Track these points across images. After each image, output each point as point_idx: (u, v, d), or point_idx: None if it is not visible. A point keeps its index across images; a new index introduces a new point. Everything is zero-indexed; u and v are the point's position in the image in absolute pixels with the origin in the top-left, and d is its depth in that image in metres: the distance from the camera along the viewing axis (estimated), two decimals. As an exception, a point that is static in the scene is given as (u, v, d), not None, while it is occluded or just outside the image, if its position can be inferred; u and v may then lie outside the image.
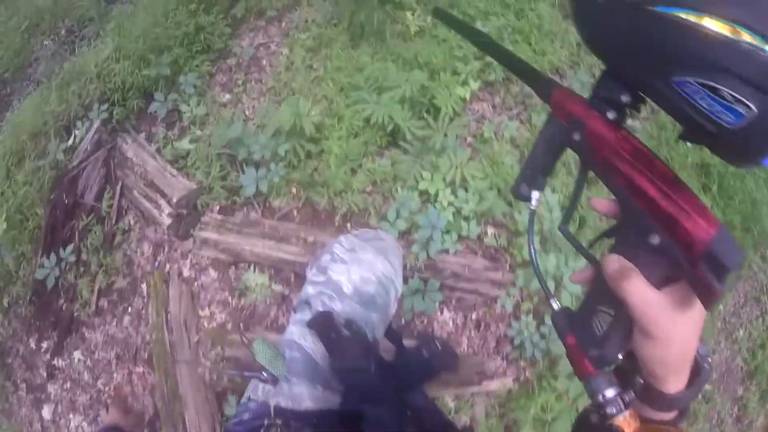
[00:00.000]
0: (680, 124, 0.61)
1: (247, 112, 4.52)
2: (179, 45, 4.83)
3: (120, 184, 4.36)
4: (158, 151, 4.55)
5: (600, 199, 0.74)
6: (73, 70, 5.06)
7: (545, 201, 2.86)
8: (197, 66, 4.84)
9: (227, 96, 4.76)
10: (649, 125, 3.64)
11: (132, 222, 4.38)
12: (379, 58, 4.10)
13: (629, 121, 0.77)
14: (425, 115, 3.67)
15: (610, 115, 0.67)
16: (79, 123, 4.75)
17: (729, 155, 0.59)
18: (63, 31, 6.16)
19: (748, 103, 0.47)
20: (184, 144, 4.54)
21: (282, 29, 5.02)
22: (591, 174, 0.74)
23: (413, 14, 4.79)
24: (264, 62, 4.85)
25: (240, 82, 4.79)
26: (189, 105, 4.59)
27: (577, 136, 0.70)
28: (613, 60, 0.65)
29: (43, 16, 6.25)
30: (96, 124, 4.62)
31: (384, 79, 3.74)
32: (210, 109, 4.54)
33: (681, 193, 0.60)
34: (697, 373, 0.69)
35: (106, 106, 4.67)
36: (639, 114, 1.23)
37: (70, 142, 4.73)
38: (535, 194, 0.79)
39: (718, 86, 0.48)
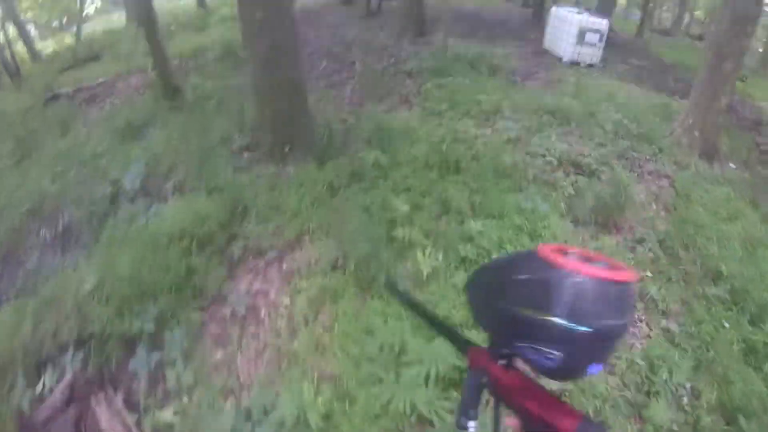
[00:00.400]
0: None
1: (241, 378, 3.91)
2: (167, 292, 4.41)
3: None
4: (138, 423, 3.86)
5: (509, 419, 0.96)
6: (52, 295, 4.61)
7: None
8: (187, 317, 4.37)
9: (220, 353, 4.23)
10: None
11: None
12: (392, 315, 3.62)
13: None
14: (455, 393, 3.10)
15: (502, 362, 0.99)
16: (50, 367, 4.23)
17: (561, 378, 0.95)
18: (60, 227, 5.85)
19: (555, 353, 0.83)
20: (167, 415, 3.96)
21: (283, 273, 4.64)
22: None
23: (424, 253, 4.42)
24: (262, 314, 4.38)
25: (235, 337, 4.29)
26: (175, 368, 4.02)
27: (485, 380, 1.00)
28: (486, 331, 1.02)
29: (46, 200, 6.10)
30: (68, 375, 4.13)
31: (401, 349, 3.21)
32: (198, 374, 3.96)
33: (555, 406, 0.89)
34: None
35: (81, 354, 4.21)
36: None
37: (39, 388, 4.15)
38: (471, 424, 1.00)
39: (539, 347, 0.84)
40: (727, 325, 4.49)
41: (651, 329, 4.45)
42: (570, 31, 11.96)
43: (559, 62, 12.13)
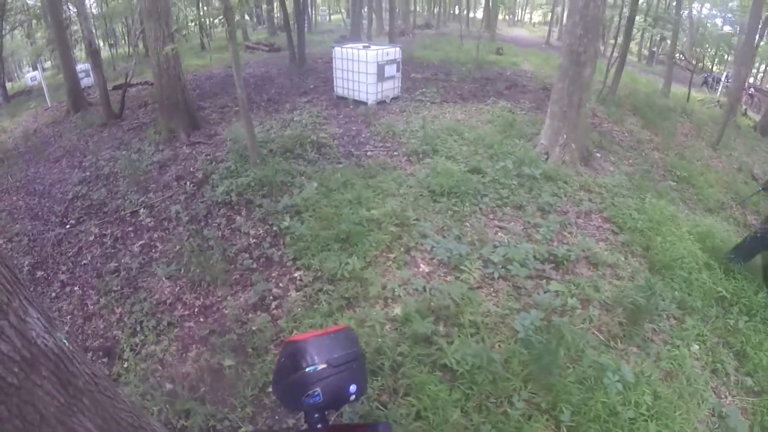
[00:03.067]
0: None
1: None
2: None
3: None
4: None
5: None
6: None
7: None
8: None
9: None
10: None
11: None
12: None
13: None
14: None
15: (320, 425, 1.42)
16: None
17: (335, 406, 1.42)
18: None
19: (318, 390, 1.32)
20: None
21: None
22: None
23: None
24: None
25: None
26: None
27: None
28: (299, 411, 1.45)
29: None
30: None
31: None
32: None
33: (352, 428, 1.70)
34: None
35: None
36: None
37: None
38: None
39: (310, 393, 1.32)
40: None
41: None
42: (367, 70, 10.43)
43: (363, 106, 10.59)
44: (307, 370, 1.29)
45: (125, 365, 4.32)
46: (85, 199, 7.78)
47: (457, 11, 50.95)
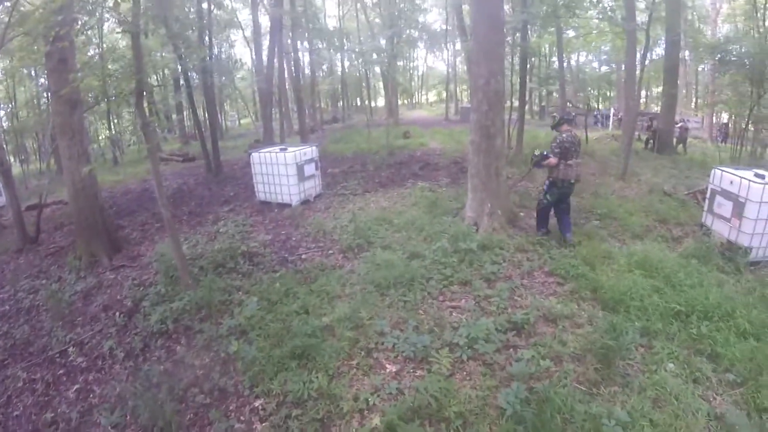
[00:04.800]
0: None
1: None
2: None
3: None
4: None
5: None
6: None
7: None
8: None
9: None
10: None
11: None
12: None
13: None
14: None
15: None
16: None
17: None
18: None
19: None
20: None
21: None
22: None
23: None
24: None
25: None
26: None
27: None
28: None
29: None
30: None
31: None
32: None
33: None
34: None
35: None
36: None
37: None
38: None
39: None
40: None
41: None
42: (286, 171, 10.36)
43: (288, 208, 10.46)
44: None
45: None
46: (8, 337, 6.94)
47: (359, 102, 53.08)
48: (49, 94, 11.88)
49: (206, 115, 18.94)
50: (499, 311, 5.25)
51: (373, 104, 49.06)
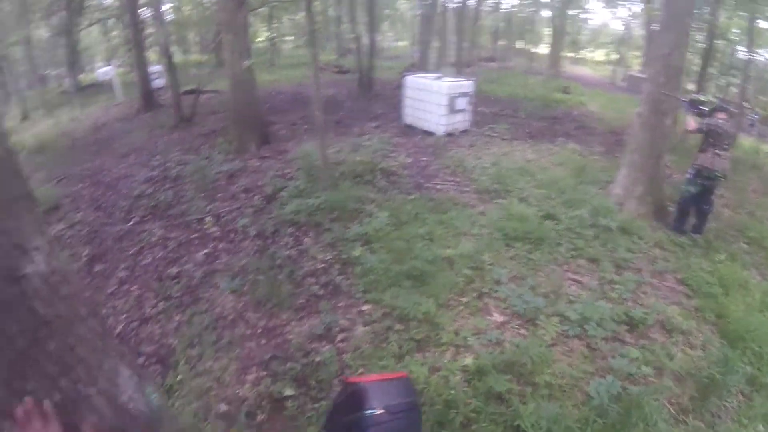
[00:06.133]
0: None
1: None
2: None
3: None
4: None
5: None
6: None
7: None
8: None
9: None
10: None
11: None
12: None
13: None
14: None
15: None
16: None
17: None
18: None
19: None
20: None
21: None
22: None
23: None
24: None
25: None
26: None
27: None
28: None
29: None
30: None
31: None
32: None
33: None
34: None
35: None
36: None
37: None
38: None
39: None
40: None
41: None
42: (438, 101, 10.30)
43: (432, 137, 10.48)
44: (365, 413, 1.25)
45: (179, 378, 4.19)
46: (151, 198, 7.83)
47: (521, 46, 50.61)
48: None
49: (365, 31, 18.99)
50: (619, 300, 5.00)
51: (534, 50, 46.52)
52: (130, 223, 7.18)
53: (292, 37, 38.53)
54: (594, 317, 4.50)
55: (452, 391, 3.59)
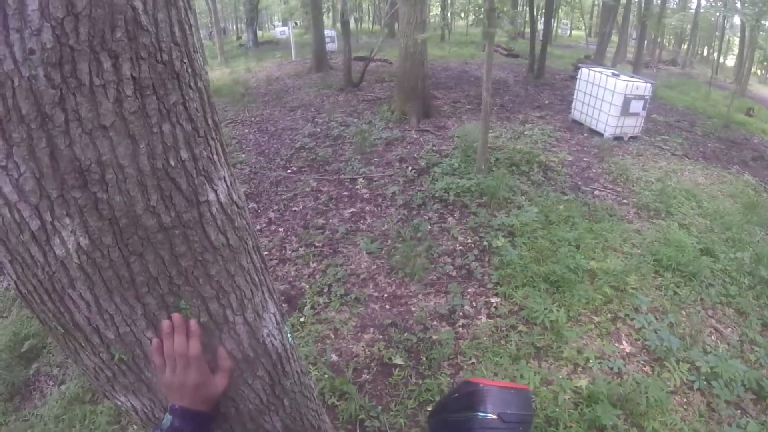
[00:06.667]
0: None
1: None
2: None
3: None
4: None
5: None
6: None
7: None
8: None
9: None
10: None
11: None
12: None
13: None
14: None
15: None
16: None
17: None
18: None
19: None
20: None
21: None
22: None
23: None
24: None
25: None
26: None
27: None
28: None
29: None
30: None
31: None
32: None
33: None
34: None
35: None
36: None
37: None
38: None
39: None
40: None
41: None
42: (612, 99, 9.72)
43: (598, 137, 10.05)
44: (478, 414, 1.20)
45: (302, 320, 4.53)
46: (311, 152, 8.37)
47: (706, 53, 45.75)
48: None
49: (540, 16, 18.20)
50: (755, 365, 4.54)
51: (721, 60, 41.77)
52: (288, 171, 7.78)
53: (465, 15, 37.86)
54: (724, 375, 4.17)
55: (557, 409, 3.55)
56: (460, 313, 4.60)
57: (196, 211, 0.98)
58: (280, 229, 6.23)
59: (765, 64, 47.10)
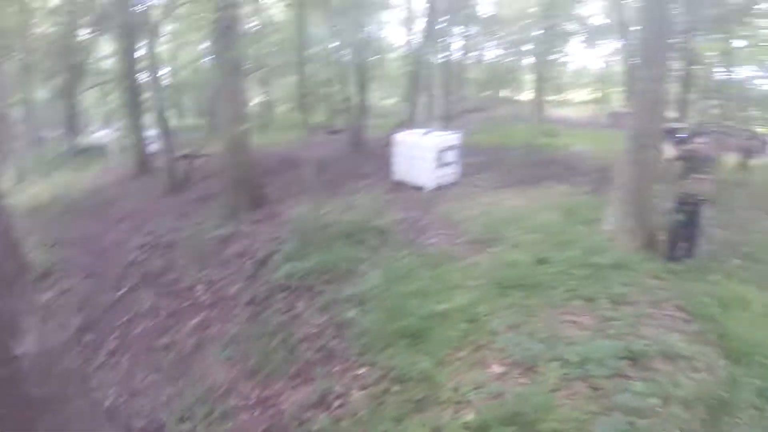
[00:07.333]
0: None
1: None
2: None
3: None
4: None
5: None
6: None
7: None
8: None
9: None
10: None
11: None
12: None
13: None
14: None
15: None
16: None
17: None
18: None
19: None
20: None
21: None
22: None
23: None
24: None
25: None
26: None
27: None
28: None
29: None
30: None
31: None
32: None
33: None
34: None
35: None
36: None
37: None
38: None
39: None
40: None
41: None
42: (426, 155, 10.55)
43: (422, 191, 10.63)
44: None
45: None
46: (143, 265, 7.85)
47: (505, 94, 51.79)
48: (212, 58, 13.07)
49: (355, 91, 19.56)
50: (618, 336, 4.93)
51: (519, 97, 47.61)
52: (122, 292, 7.19)
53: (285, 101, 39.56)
54: (594, 357, 4.45)
55: (457, 450, 3.43)
56: (333, 395, 4.44)
57: (9, 368, 0.96)
58: (124, 359, 5.69)
59: (557, 91, 54.47)
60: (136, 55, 16.63)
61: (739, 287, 6.10)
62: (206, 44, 21.05)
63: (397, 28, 37.97)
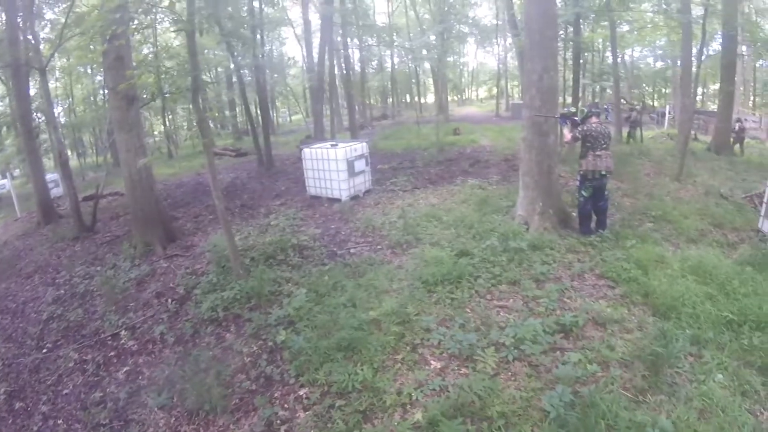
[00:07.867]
0: None
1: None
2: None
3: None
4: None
5: None
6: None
7: None
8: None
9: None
10: None
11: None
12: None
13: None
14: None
15: None
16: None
17: None
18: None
19: None
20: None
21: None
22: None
23: None
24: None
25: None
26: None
27: None
28: None
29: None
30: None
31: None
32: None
33: None
34: None
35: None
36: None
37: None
38: None
39: None
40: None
41: None
42: (337, 167, 10.51)
43: (338, 203, 10.58)
44: None
45: None
46: (61, 320, 7.29)
47: (409, 99, 52.99)
48: (106, 91, 12.39)
49: (258, 111, 19.31)
50: (547, 312, 5.14)
51: (422, 101, 48.86)
52: (44, 351, 6.63)
53: (189, 128, 38.49)
54: (527, 336, 4.57)
55: (411, 451, 3.44)
56: (278, 422, 4.26)
57: None
58: (59, 422, 5.21)
59: (458, 90, 56.37)
60: (30, 94, 15.52)
61: (655, 248, 6.56)
62: (99, 77, 20.05)
63: (295, 44, 38.20)
